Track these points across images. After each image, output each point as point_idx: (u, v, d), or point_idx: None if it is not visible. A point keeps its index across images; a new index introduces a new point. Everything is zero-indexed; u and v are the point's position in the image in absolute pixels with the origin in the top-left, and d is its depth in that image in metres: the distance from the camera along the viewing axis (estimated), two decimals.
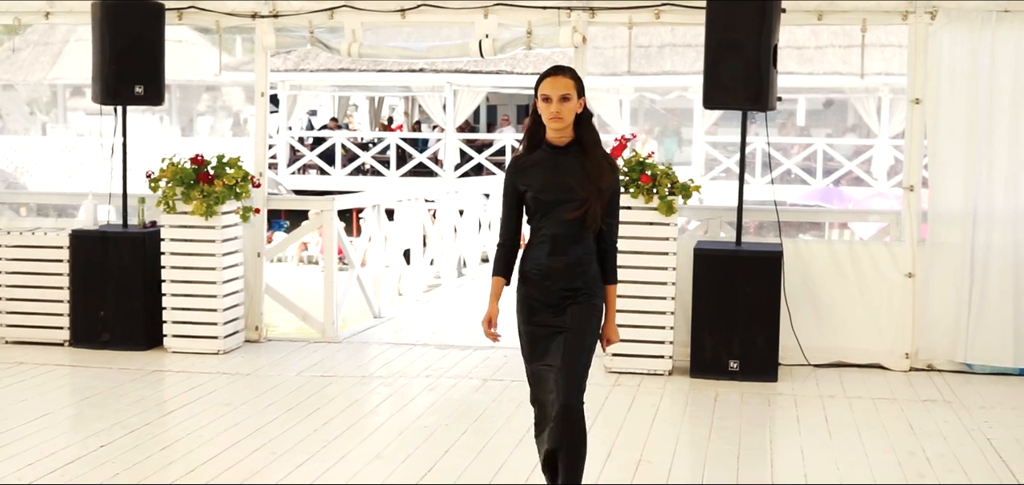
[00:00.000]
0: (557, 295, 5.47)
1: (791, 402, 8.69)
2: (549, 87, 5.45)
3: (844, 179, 28.37)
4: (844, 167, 28.40)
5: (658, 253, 9.38)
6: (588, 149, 5.50)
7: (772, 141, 25.52)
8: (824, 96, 30.58)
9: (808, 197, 26.72)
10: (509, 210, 5.63)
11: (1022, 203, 9.53)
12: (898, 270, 9.77)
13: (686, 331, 9.54)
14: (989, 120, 9.51)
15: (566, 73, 5.50)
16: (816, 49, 27.73)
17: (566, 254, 5.46)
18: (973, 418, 8.25)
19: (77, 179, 25.15)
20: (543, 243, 5.49)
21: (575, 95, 5.46)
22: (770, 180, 14.54)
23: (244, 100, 32.98)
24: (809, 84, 27.55)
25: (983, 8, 9.47)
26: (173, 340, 10.08)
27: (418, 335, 11.42)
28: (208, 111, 32.44)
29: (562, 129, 5.47)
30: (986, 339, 9.58)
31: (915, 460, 7.24)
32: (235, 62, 30.74)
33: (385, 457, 7.11)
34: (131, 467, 6.84)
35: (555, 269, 5.46)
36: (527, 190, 5.51)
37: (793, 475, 6.93)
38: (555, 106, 5.42)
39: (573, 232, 5.46)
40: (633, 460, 7.10)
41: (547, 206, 5.46)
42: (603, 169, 5.47)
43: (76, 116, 32.43)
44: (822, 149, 28.53)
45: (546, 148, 5.53)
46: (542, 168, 5.50)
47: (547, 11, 10.01)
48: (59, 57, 29.42)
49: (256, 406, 8.37)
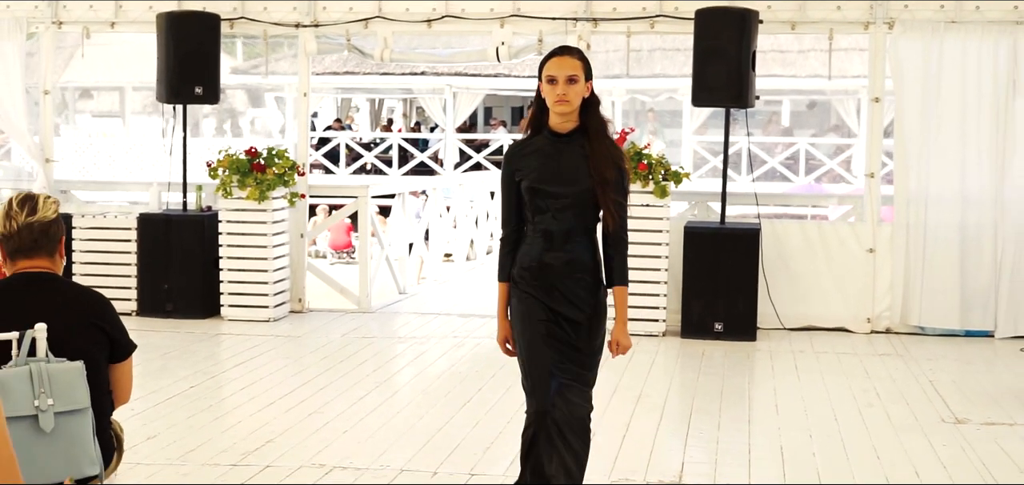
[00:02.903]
0: (556, 295, 5.06)
1: (767, 356, 10.18)
2: (555, 67, 5.01)
3: (825, 177, 29.82)
4: (826, 165, 29.86)
5: (653, 231, 10.86)
6: (594, 138, 5.05)
7: (756, 140, 26.95)
8: (808, 98, 32.03)
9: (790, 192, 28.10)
10: (508, 200, 5.20)
11: (967, 187, 11.02)
12: (860, 246, 11.26)
13: (677, 298, 11.01)
14: (938, 115, 11.00)
15: (573, 53, 5.10)
16: (798, 53, 29.17)
17: (563, 251, 5.05)
18: (920, 367, 9.74)
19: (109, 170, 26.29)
20: (538, 237, 5.08)
21: (583, 77, 5.03)
22: (751, 177, 16.17)
23: (247, 102, 34.40)
24: (792, 86, 28.96)
25: (933, 19, 10.97)
26: (229, 309, 11.52)
27: (441, 307, 12.87)
28: (212, 112, 33.74)
29: (568, 113, 5.04)
30: (935, 305, 11.08)
31: (867, 395, 8.74)
32: (244, 66, 31.95)
33: (428, 395, 8.59)
34: (221, 401, 8.32)
35: (552, 267, 5.05)
36: (523, 179, 5.08)
37: (767, 407, 8.43)
38: (561, 88, 4.98)
39: (571, 226, 5.05)
40: (634, 396, 8.56)
41: (543, 197, 5.04)
42: (608, 158, 5.04)
43: (83, 118, 33.68)
44: (805, 148, 29.99)
45: (548, 135, 5.09)
46: (541, 156, 5.07)
47: (556, 22, 11.49)
48: (70, 61, 30.75)
49: (308, 361, 9.84)
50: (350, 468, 6.67)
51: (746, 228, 11.04)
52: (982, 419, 8.02)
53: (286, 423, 7.67)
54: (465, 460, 6.87)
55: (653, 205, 10.82)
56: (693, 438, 7.53)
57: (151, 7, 11.88)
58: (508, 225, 5.20)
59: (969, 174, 11.03)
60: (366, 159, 33.39)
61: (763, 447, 7.32)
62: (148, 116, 30.43)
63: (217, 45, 11.69)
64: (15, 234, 4.17)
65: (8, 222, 4.17)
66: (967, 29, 10.95)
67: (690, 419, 8.03)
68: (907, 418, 8.07)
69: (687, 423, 7.92)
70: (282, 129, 32.76)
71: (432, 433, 7.48)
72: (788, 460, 7.04)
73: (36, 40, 12.63)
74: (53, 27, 12.27)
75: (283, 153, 11.50)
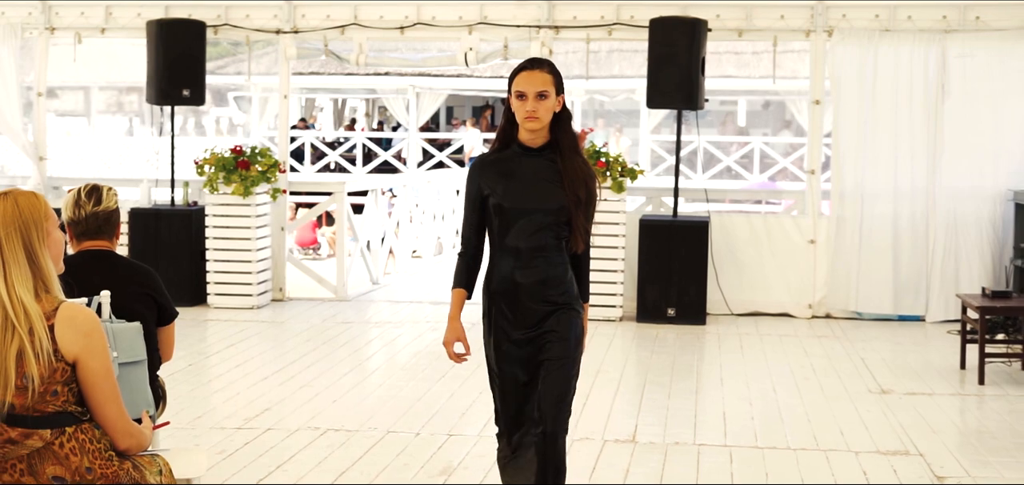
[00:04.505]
0: (531, 314, 4.92)
1: (715, 338, 11.08)
2: (525, 82, 4.86)
3: (779, 175, 30.81)
4: (779, 163, 30.86)
5: (611, 224, 11.72)
6: (566, 154, 4.92)
7: (712, 139, 27.92)
8: (762, 98, 33.04)
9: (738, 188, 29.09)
10: (471, 215, 5.02)
11: (900, 183, 11.96)
12: (802, 237, 12.19)
13: (633, 285, 11.90)
14: (873, 116, 11.93)
15: (544, 66, 4.92)
16: (753, 55, 30.15)
17: (533, 269, 4.89)
18: (854, 347, 10.68)
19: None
20: (507, 256, 4.92)
21: (553, 92, 4.88)
22: (703, 174, 17.18)
23: (211, 102, 35.00)
24: (747, 87, 29.93)
25: (869, 28, 11.91)
26: (215, 298, 12.30)
27: (412, 296, 13.70)
28: (178, 112, 34.36)
29: (538, 130, 4.90)
30: (871, 292, 12.03)
31: (804, 370, 9.67)
32: (210, 67, 32.61)
33: (405, 370, 9.44)
34: (218, 376, 9.15)
35: (525, 286, 4.90)
36: (491, 195, 4.91)
37: (712, 380, 9.34)
38: (531, 103, 4.83)
39: (542, 244, 4.89)
40: (594, 372, 9.41)
41: (512, 215, 4.88)
42: (581, 177, 4.92)
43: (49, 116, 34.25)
44: (759, 147, 31.00)
45: (517, 149, 4.95)
46: (510, 171, 4.92)
47: (520, 29, 12.35)
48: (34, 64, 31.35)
49: (293, 343, 10.67)
50: (342, 430, 7.52)
51: (696, 221, 11.94)
52: (905, 390, 8.96)
53: (280, 394, 8.51)
54: (444, 422, 7.75)
55: (611, 200, 11.69)
56: (645, 405, 8.42)
57: (139, 14, 12.66)
58: (467, 240, 5.03)
59: (902, 171, 11.96)
60: (330, 158, 34.14)
61: (708, 412, 8.23)
62: (114, 116, 31.04)
63: (203, 50, 12.47)
64: (82, 220, 5.02)
65: (77, 209, 5.01)
66: (900, 37, 11.89)
67: (643, 390, 8.93)
68: (838, 389, 8.99)
69: (640, 394, 8.82)
70: (246, 127, 33.47)
71: (412, 401, 8.34)
72: (729, 423, 7.93)
73: (31, 43, 13.32)
74: (46, 32, 13.02)
75: (266, 151, 12.30)
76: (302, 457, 6.96)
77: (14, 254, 3.70)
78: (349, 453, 7.06)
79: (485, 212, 4.96)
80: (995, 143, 11.82)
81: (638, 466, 6.96)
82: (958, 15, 11.82)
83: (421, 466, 6.86)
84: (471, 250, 5.02)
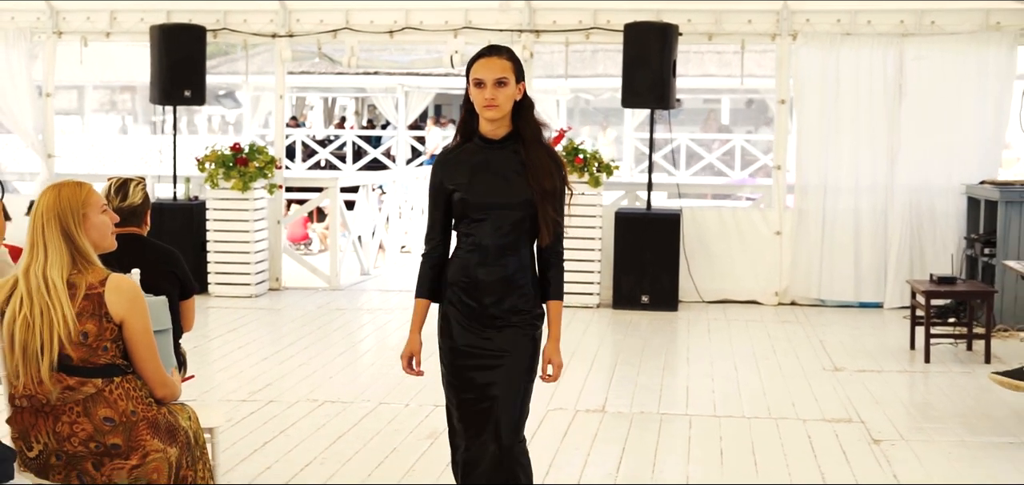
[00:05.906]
0: (487, 314, 4.77)
1: (686, 323, 11.85)
2: (482, 69, 4.67)
3: (759, 172, 31.54)
4: (760, 161, 31.60)
5: (588, 216, 12.48)
6: (529, 145, 4.75)
7: (695, 136, 28.75)
8: (744, 96, 33.80)
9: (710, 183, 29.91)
10: (435, 212, 4.86)
11: (860, 177, 12.73)
12: (769, 229, 12.96)
13: (609, 274, 12.68)
14: (835, 115, 12.70)
15: (502, 53, 4.74)
16: (734, 53, 30.93)
17: (498, 266, 4.73)
18: (815, 331, 11.45)
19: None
20: (471, 252, 4.76)
21: (513, 79, 4.69)
22: (677, 171, 18.00)
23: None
24: (719, 86, 30.68)
25: (831, 32, 12.68)
26: (215, 287, 13.03)
27: (402, 285, 14.44)
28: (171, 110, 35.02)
29: (498, 119, 4.71)
30: (833, 280, 12.82)
31: (765, 350, 10.45)
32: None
33: (396, 350, 10.16)
34: (222, 356, 9.90)
35: (485, 283, 4.74)
36: (455, 190, 4.75)
37: (680, 359, 10.13)
38: (489, 91, 4.65)
39: (506, 241, 4.73)
40: (569, 354, 10.13)
41: (475, 210, 4.72)
42: (546, 167, 4.75)
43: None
44: (741, 144, 31.77)
45: (479, 141, 4.78)
46: (471, 164, 4.75)
47: (503, 33, 13.10)
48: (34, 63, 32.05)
49: (290, 328, 11.43)
50: (338, 402, 8.29)
51: (668, 213, 12.70)
52: (856, 368, 9.73)
53: (280, 372, 9.27)
54: (432, 395, 8.45)
55: (588, 194, 12.43)
56: (616, 381, 9.20)
57: (142, 18, 13.39)
58: (431, 241, 4.89)
59: (862, 167, 12.74)
60: (321, 155, 34.85)
61: (672, 386, 9.01)
62: (107, 115, 31.69)
63: (203, 53, 13.20)
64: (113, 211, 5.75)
65: (107, 203, 5.73)
66: (860, 40, 12.66)
67: (615, 368, 9.71)
68: (795, 367, 9.77)
69: (612, 371, 9.59)
70: (238, 124, 34.14)
71: (401, 377, 8.99)
72: (691, 396, 8.70)
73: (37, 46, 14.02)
74: (53, 36, 13.74)
75: (263, 149, 13.03)
76: (302, 424, 7.73)
77: (53, 239, 4.44)
78: (345, 421, 7.83)
79: (450, 208, 4.80)
80: (949, 140, 12.59)
81: (606, 431, 7.72)
82: (915, 19, 12.60)
83: (410, 432, 7.63)
84: (437, 253, 4.88)
